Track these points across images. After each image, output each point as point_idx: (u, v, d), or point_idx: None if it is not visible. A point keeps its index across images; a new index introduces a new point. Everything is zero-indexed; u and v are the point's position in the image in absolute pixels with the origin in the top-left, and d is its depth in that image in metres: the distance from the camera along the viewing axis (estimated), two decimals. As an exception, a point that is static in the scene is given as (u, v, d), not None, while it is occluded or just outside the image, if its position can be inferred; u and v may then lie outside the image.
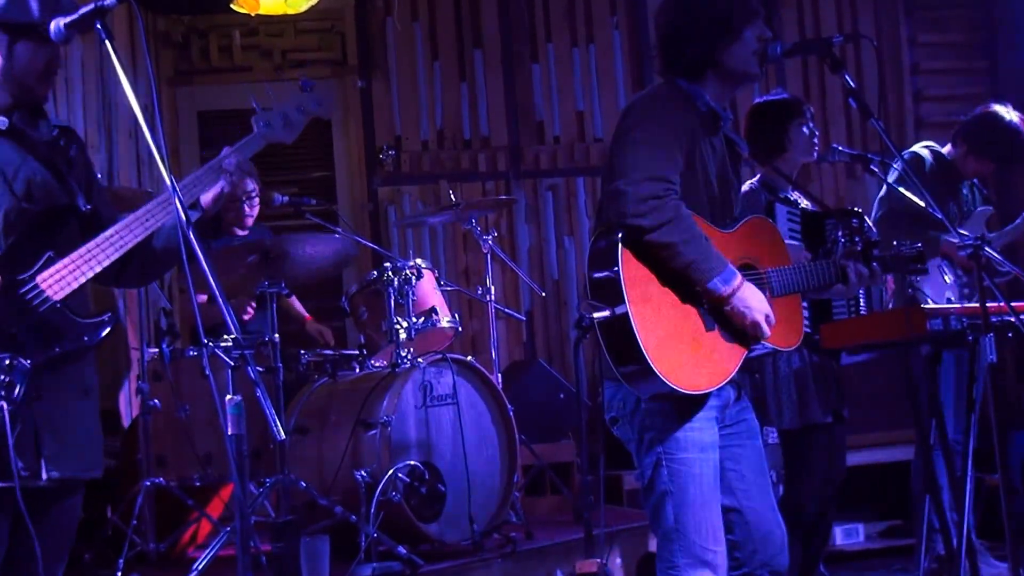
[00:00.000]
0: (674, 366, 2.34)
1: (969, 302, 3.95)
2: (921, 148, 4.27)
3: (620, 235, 2.33)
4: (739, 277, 2.39)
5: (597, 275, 2.37)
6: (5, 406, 2.11)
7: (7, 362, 2.15)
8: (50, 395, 2.23)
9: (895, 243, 2.67)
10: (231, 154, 2.38)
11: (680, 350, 2.36)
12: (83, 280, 2.24)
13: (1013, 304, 2.76)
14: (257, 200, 4.67)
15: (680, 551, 2.41)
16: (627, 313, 2.31)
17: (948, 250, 3.93)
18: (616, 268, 2.32)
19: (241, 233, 4.69)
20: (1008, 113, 4.14)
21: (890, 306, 3.76)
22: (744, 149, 2.65)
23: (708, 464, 2.43)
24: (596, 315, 2.35)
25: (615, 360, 2.37)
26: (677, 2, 2.53)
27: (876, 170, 3.46)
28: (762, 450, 2.61)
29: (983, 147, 4.14)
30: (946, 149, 4.26)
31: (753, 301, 2.40)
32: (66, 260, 2.23)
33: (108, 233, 2.25)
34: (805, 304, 2.98)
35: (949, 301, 3.91)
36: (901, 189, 3.53)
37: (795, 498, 3.53)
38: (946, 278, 3.83)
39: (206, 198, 2.39)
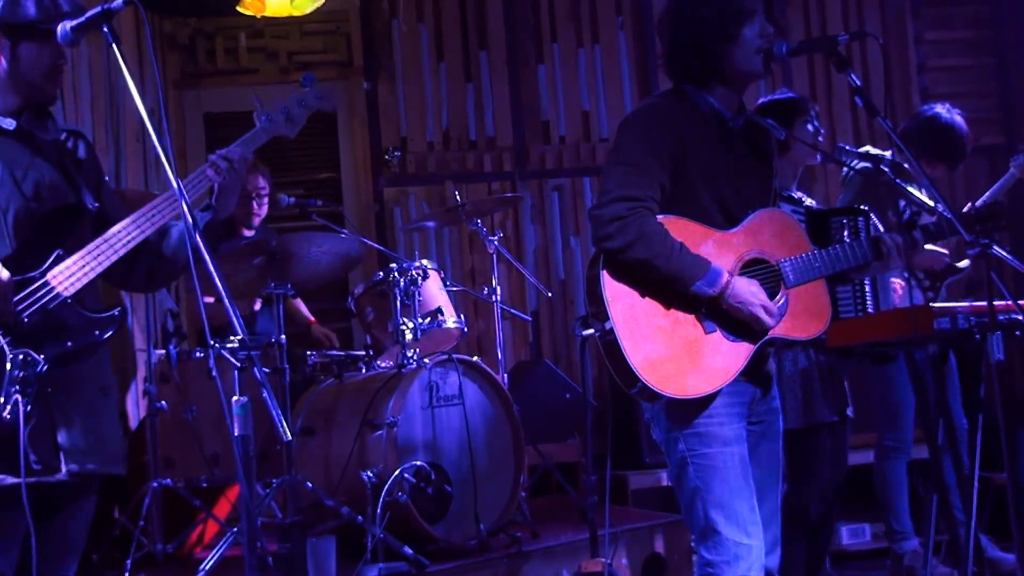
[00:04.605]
0: (666, 375, 2.37)
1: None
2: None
3: (601, 256, 2.41)
4: (725, 276, 2.40)
5: (588, 294, 2.46)
6: (21, 400, 2.13)
7: (21, 357, 2.17)
8: (67, 391, 2.25)
9: (970, 204, 2.63)
10: (232, 148, 2.40)
11: (673, 358, 2.39)
12: (92, 276, 2.26)
13: (1020, 302, 2.75)
14: (267, 199, 4.66)
15: (714, 548, 2.41)
16: (613, 329, 2.36)
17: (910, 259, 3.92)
18: (599, 287, 2.39)
19: (248, 234, 4.69)
20: (950, 114, 4.08)
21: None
22: (780, 133, 2.65)
23: (733, 458, 2.44)
24: (585, 332, 2.42)
25: (615, 373, 2.41)
26: (671, 18, 2.55)
27: (885, 169, 3.44)
28: (779, 454, 2.62)
29: (931, 151, 4.06)
30: (888, 153, 4.23)
31: (745, 296, 2.41)
32: (75, 257, 2.25)
33: (116, 229, 2.28)
34: None
35: None
36: (911, 189, 3.52)
37: (799, 497, 3.53)
38: (895, 284, 3.81)
39: (216, 193, 2.40)
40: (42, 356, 2.19)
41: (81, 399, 2.28)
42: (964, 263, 4.02)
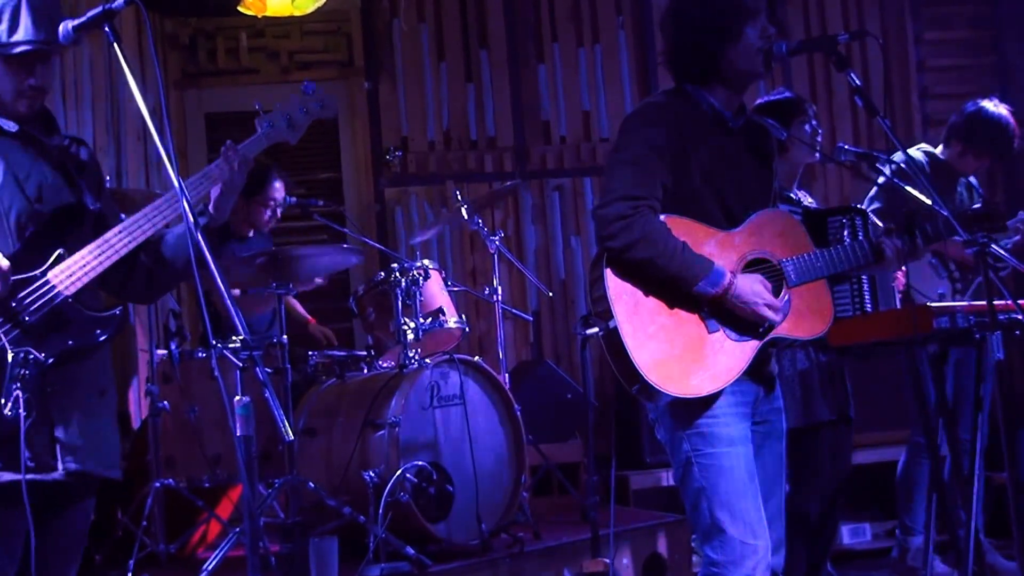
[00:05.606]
0: (670, 374, 2.38)
1: (963, 299, 3.95)
2: (915, 151, 4.28)
3: (604, 255, 2.42)
4: (728, 275, 2.41)
5: (592, 293, 2.46)
6: (22, 395, 2.14)
7: (22, 355, 2.19)
8: (66, 391, 2.26)
9: (958, 204, 2.64)
10: (233, 148, 2.39)
11: (676, 357, 2.40)
12: (93, 275, 2.28)
13: (1020, 302, 2.75)
14: (279, 211, 4.64)
15: (720, 547, 2.41)
16: (617, 328, 2.36)
17: (943, 248, 3.93)
18: (603, 286, 2.40)
19: (250, 236, 4.69)
20: (996, 107, 4.18)
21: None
22: (781, 133, 2.66)
23: (738, 458, 2.44)
24: (588, 331, 2.43)
25: (618, 372, 2.41)
26: (674, 17, 2.56)
27: (882, 168, 3.45)
28: (782, 454, 2.63)
29: (978, 143, 4.15)
30: (939, 149, 4.26)
31: (748, 295, 2.42)
32: (76, 256, 2.27)
33: (117, 229, 2.29)
34: None
35: (942, 298, 3.91)
36: (908, 188, 3.53)
37: (800, 497, 3.53)
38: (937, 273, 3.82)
39: (213, 198, 2.39)
40: (43, 354, 2.21)
41: (79, 400, 2.29)
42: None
